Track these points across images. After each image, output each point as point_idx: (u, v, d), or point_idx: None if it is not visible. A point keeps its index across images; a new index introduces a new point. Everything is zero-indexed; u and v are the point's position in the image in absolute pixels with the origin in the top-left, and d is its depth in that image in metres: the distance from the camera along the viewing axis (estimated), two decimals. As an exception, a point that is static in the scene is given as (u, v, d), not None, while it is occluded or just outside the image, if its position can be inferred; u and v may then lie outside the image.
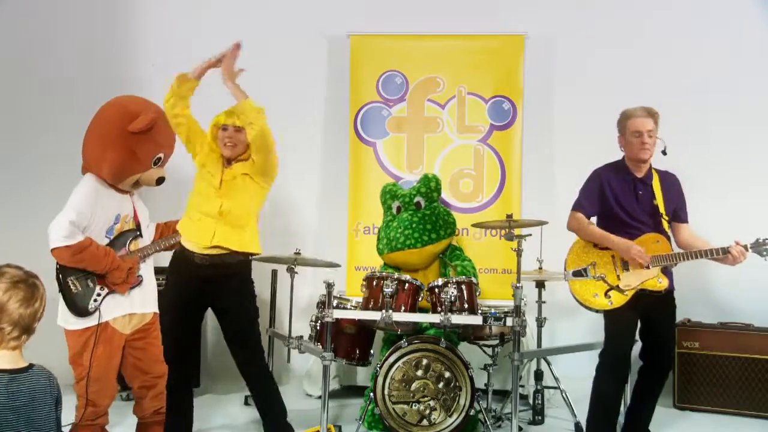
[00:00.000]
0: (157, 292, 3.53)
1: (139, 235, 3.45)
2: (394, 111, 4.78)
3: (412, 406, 3.50)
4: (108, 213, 3.32)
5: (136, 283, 3.39)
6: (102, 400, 3.33)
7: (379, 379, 3.51)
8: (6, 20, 5.01)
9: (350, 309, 3.75)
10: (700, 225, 3.75)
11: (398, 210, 4.21)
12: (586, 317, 4.45)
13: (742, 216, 4.58)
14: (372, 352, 3.83)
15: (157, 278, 3.63)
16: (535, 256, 4.07)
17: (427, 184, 4.20)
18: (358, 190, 4.76)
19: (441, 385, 3.50)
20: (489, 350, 3.85)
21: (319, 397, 3.62)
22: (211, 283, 3.32)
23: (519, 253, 3.55)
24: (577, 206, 3.50)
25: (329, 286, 3.43)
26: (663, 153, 3.42)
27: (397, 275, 3.59)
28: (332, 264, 4.21)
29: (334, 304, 3.47)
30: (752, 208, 4.63)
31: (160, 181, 3.44)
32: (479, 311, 3.57)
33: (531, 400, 4.05)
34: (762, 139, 4.76)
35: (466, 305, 3.56)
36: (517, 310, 3.36)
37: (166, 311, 3.40)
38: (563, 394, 3.96)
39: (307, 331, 3.84)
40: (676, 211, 3.48)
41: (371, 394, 3.54)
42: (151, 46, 5.10)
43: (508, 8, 5.01)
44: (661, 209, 3.41)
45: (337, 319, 3.51)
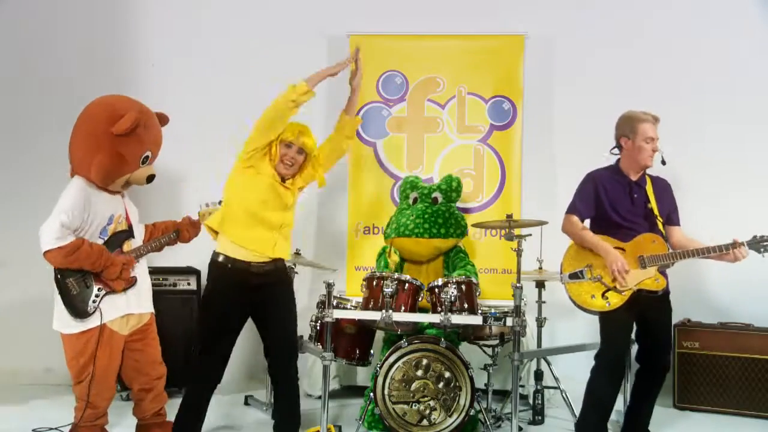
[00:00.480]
0: (156, 297, 3.54)
1: (132, 236, 3.45)
2: (394, 111, 4.78)
3: (412, 406, 3.50)
4: (101, 214, 3.32)
5: (131, 284, 3.38)
6: (101, 401, 3.34)
7: (379, 379, 3.51)
8: (6, 20, 5.00)
9: (350, 309, 3.75)
10: (698, 225, 3.76)
11: (414, 201, 4.25)
12: (586, 317, 4.43)
13: (742, 216, 4.57)
14: (372, 352, 3.84)
15: (153, 278, 3.64)
16: (535, 256, 4.07)
17: (449, 183, 4.24)
18: (358, 190, 4.76)
19: (441, 385, 3.51)
20: (489, 350, 3.85)
21: (319, 397, 3.62)
22: (260, 292, 3.29)
23: (519, 253, 3.56)
24: (572, 209, 3.50)
25: (329, 286, 3.43)
26: (662, 163, 3.44)
27: (397, 275, 3.59)
28: (330, 267, 4.22)
29: (334, 304, 3.47)
30: (751, 208, 4.63)
31: (150, 179, 3.43)
32: (479, 311, 3.57)
33: (531, 400, 4.05)
34: (761, 139, 4.76)
35: (466, 305, 3.57)
36: (517, 310, 3.37)
37: (209, 323, 3.31)
38: (563, 394, 3.96)
39: (307, 331, 3.84)
40: (669, 214, 3.50)
41: (371, 394, 3.54)
42: (151, 46, 5.10)
43: (508, 8, 5.01)
44: (656, 212, 3.42)
45: (337, 319, 3.51)
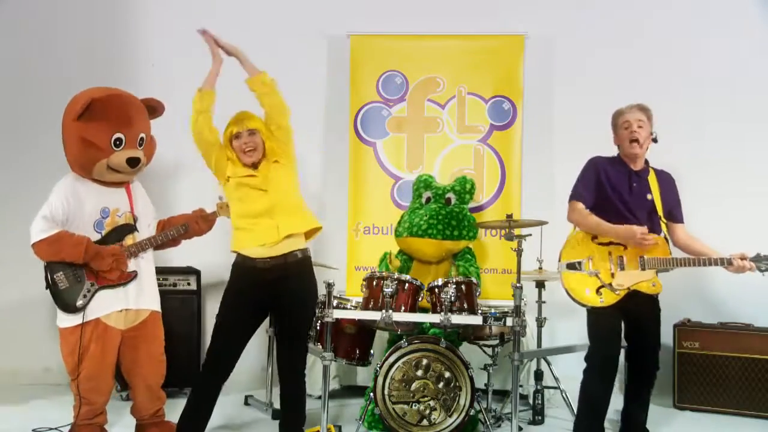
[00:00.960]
0: (163, 296, 3.54)
1: (135, 230, 3.44)
2: (394, 111, 4.78)
3: (412, 406, 3.50)
4: (89, 206, 3.33)
5: (131, 278, 3.38)
6: (97, 397, 3.33)
7: (379, 379, 3.51)
8: (6, 20, 5.00)
9: (350, 309, 3.75)
10: (699, 225, 3.75)
11: (427, 200, 4.25)
12: (586, 317, 4.43)
13: (742, 215, 4.59)
14: (372, 352, 3.83)
15: (159, 278, 3.63)
16: (535, 256, 4.07)
17: (463, 185, 4.24)
18: (358, 190, 4.76)
19: (441, 385, 3.51)
20: (489, 350, 3.85)
21: (319, 397, 3.62)
22: (273, 287, 3.30)
23: (519, 253, 3.56)
24: (576, 196, 3.46)
25: (329, 286, 3.43)
26: (654, 141, 3.40)
27: (397, 275, 3.59)
28: (330, 267, 4.22)
29: (334, 304, 3.47)
30: (751, 206, 4.64)
31: (133, 162, 3.37)
32: (479, 311, 3.57)
33: (531, 400, 4.05)
34: (761, 138, 4.76)
35: (466, 305, 3.56)
36: (517, 310, 3.36)
37: (223, 317, 3.35)
38: (563, 394, 3.96)
39: (307, 331, 3.84)
40: (671, 210, 3.47)
41: (371, 394, 3.54)
42: (151, 45, 5.11)
43: (508, 8, 5.01)
44: (658, 207, 3.39)
45: (337, 319, 3.51)
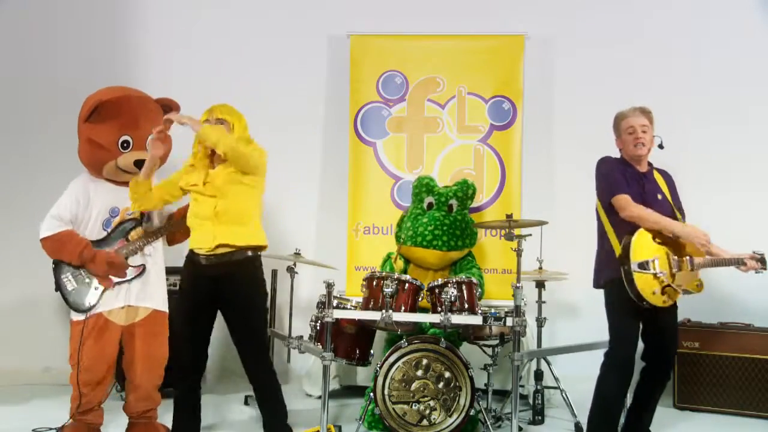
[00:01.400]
0: (170, 296, 3.54)
1: (139, 224, 3.46)
2: (394, 111, 4.78)
3: (412, 406, 3.50)
4: (99, 206, 3.40)
5: (139, 273, 3.41)
6: (91, 391, 3.35)
7: (379, 379, 3.51)
8: (6, 21, 5.00)
9: (350, 309, 3.75)
10: (699, 224, 3.74)
11: (429, 206, 4.20)
12: (587, 317, 4.45)
13: (743, 215, 4.60)
14: (372, 352, 3.83)
15: (168, 279, 3.64)
16: (535, 256, 4.07)
17: (465, 191, 4.20)
18: (358, 190, 4.76)
19: (441, 385, 3.50)
20: (489, 350, 3.85)
21: (319, 397, 3.62)
22: (219, 282, 3.30)
23: (519, 253, 3.55)
24: (617, 188, 3.31)
25: (329, 286, 3.43)
26: (660, 147, 3.41)
27: (397, 275, 3.59)
28: (331, 266, 4.22)
29: (334, 304, 3.47)
30: (753, 203, 4.65)
31: (140, 164, 3.40)
32: (479, 311, 3.57)
33: (531, 400, 4.05)
34: (761, 138, 4.76)
35: (466, 305, 3.56)
36: (517, 310, 3.36)
37: (177, 315, 3.41)
38: (563, 394, 3.96)
39: (307, 331, 3.84)
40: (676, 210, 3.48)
41: (371, 394, 3.54)
42: (151, 45, 5.10)
43: (508, 8, 5.02)
44: (672, 204, 3.41)
45: (337, 319, 3.51)
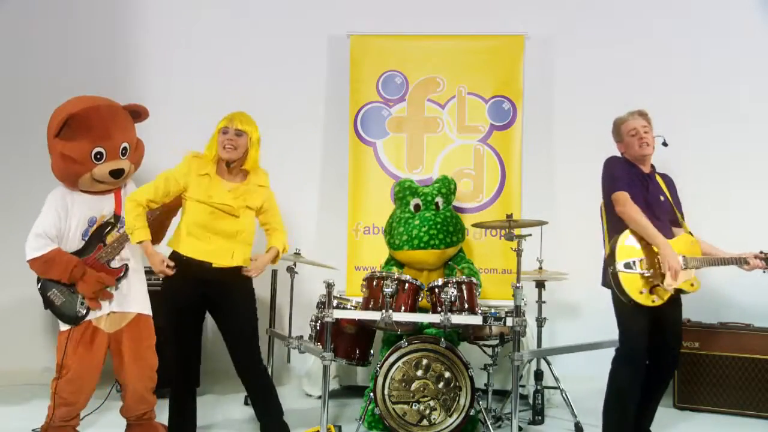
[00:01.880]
0: (157, 297, 3.54)
1: (114, 226, 3.45)
2: (394, 111, 4.78)
3: (412, 406, 3.50)
4: (78, 217, 3.39)
5: (121, 273, 3.42)
6: (78, 398, 3.36)
7: (379, 379, 3.51)
8: (6, 21, 5.00)
9: (350, 309, 3.75)
10: (700, 223, 3.74)
11: (417, 208, 4.22)
12: (587, 317, 4.46)
13: (743, 214, 4.60)
14: (372, 352, 3.84)
15: (153, 278, 3.64)
16: (535, 256, 4.07)
17: (447, 186, 4.24)
18: (358, 190, 4.76)
19: (441, 385, 3.50)
20: (489, 350, 3.85)
21: (319, 397, 3.62)
22: (212, 286, 3.30)
23: (519, 253, 3.55)
24: (617, 186, 3.33)
25: (329, 286, 3.43)
26: (664, 144, 3.44)
27: (397, 275, 3.59)
28: (331, 266, 4.22)
29: (334, 304, 3.47)
30: (752, 201, 4.65)
31: (116, 173, 3.40)
32: (479, 311, 3.57)
33: (531, 400, 4.05)
34: (761, 137, 4.77)
35: (466, 305, 3.56)
36: (517, 310, 3.36)
37: (167, 315, 3.37)
38: (563, 394, 3.96)
39: (307, 331, 3.84)
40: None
41: (371, 394, 3.54)
42: (151, 45, 5.10)
43: (508, 8, 5.02)
44: (673, 206, 3.42)
45: (337, 319, 3.51)
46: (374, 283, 3.58)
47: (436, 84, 4.76)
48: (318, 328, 3.74)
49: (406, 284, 3.58)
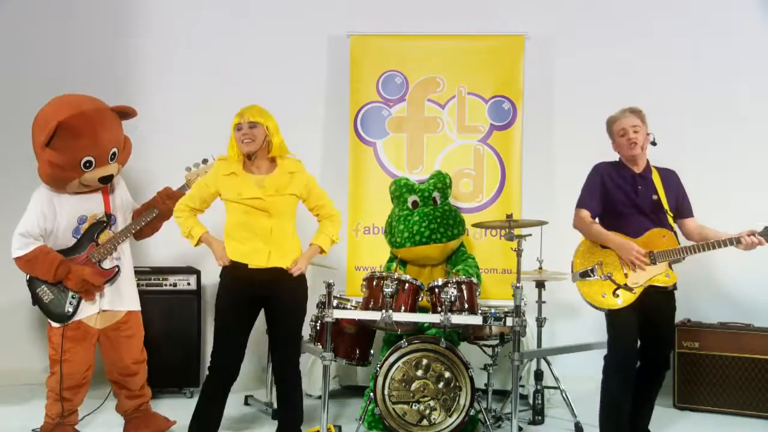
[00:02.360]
0: (158, 297, 3.55)
1: (107, 226, 3.45)
2: (394, 111, 4.78)
3: (412, 406, 3.50)
4: (68, 216, 3.38)
5: (113, 275, 3.42)
6: (72, 396, 3.38)
7: (379, 379, 3.51)
8: (6, 22, 5.00)
9: (350, 309, 3.75)
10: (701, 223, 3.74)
11: (414, 204, 4.22)
12: (587, 317, 4.44)
13: (743, 214, 4.58)
14: (372, 352, 3.84)
15: (153, 278, 3.64)
16: (535, 256, 4.07)
17: (443, 181, 4.25)
18: (358, 190, 4.76)
19: (441, 385, 3.50)
20: (489, 350, 3.85)
21: (319, 397, 3.62)
22: (265, 287, 3.29)
23: (519, 253, 3.56)
24: (582, 203, 3.48)
25: (329, 286, 3.43)
26: (653, 144, 3.43)
27: (397, 275, 3.59)
28: (331, 266, 4.22)
29: (334, 304, 3.47)
30: (752, 201, 4.64)
31: (105, 180, 3.40)
32: (479, 311, 3.57)
33: (531, 400, 4.05)
34: (761, 137, 4.76)
35: (466, 305, 3.56)
36: (517, 310, 3.36)
37: (223, 319, 3.33)
38: (563, 394, 3.96)
39: (307, 331, 3.84)
40: (678, 207, 3.47)
41: (371, 394, 3.54)
42: (151, 45, 5.10)
43: (508, 8, 5.01)
44: (664, 204, 3.40)
45: (337, 319, 3.51)
46: (374, 283, 3.58)
47: (436, 84, 4.76)
48: (318, 328, 3.74)
49: (406, 284, 3.58)
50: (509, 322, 3.41)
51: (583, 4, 5.03)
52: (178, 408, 3.41)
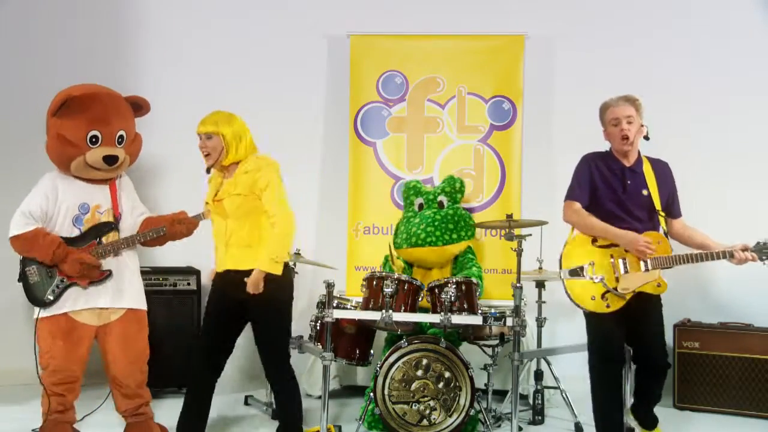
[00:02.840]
0: (159, 296, 3.54)
1: (115, 228, 3.44)
2: (394, 111, 4.78)
3: (412, 406, 3.50)
4: (69, 202, 3.37)
5: (103, 277, 3.39)
6: (63, 391, 3.35)
7: (379, 379, 3.51)
8: (5, 23, 4.99)
9: (350, 309, 3.75)
10: (700, 224, 3.74)
11: (420, 207, 4.25)
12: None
13: (743, 214, 4.59)
14: (372, 352, 3.84)
15: (153, 278, 3.62)
16: (535, 256, 4.07)
17: (452, 185, 4.25)
18: (358, 190, 4.76)
19: (441, 385, 3.51)
20: (489, 350, 3.85)
21: (319, 397, 3.62)
22: (240, 289, 3.23)
23: (519, 253, 3.55)
24: (572, 194, 3.32)
25: (329, 286, 3.43)
26: (645, 138, 3.28)
27: (397, 275, 3.59)
28: (331, 266, 4.22)
29: (334, 304, 3.47)
30: (753, 201, 4.65)
31: (110, 159, 3.37)
32: (479, 311, 3.57)
33: (531, 400, 4.05)
34: (761, 138, 4.76)
35: (466, 305, 3.56)
36: (517, 310, 3.36)
37: (209, 313, 3.40)
38: (563, 394, 3.96)
39: (307, 331, 3.84)
40: (668, 205, 3.35)
41: (371, 394, 3.54)
42: (151, 45, 5.10)
43: (508, 8, 5.01)
44: (656, 202, 3.27)
45: (337, 319, 3.51)
46: (374, 283, 3.59)
47: (436, 84, 4.76)
48: (318, 328, 3.74)
49: (406, 284, 3.58)
50: (509, 322, 3.41)
51: (583, 4, 5.03)
52: (178, 408, 3.40)
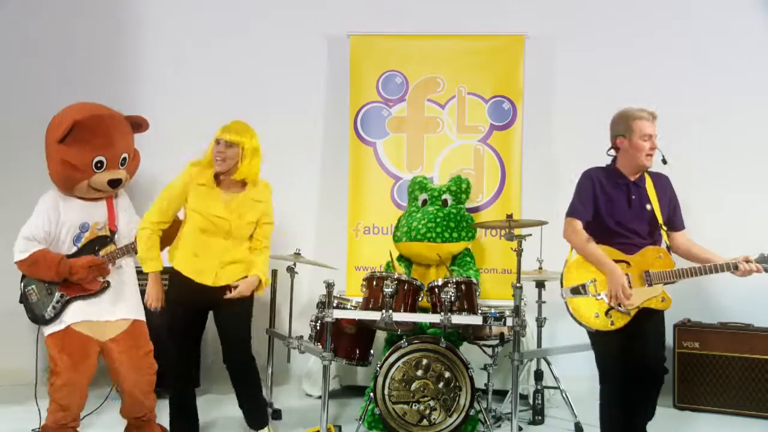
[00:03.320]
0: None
1: (110, 241, 3.45)
2: (394, 111, 4.78)
3: (412, 406, 3.50)
4: (70, 222, 3.39)
5: (101, 288, 3.39)
6: (70, 403, 3.35)
7: (379, 379, 3.51)
8: (5, 24, 4.99)
9: (350, 309, 3.75)
10: (699, 224, 3.75)
11: (424, 203, 4.27)
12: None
13: (743, 214, 4.60)
14: (372, 352, 3.83)
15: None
16: (535, 256, 4.07)
17: (458, 185, 4.28)
18: (358, 190, 4.76)
19: (441, 385, 3.50)
20: (489, 350, 3.85)
21: (319, 397, 3.62)
22: (212, 296, 3.36)
23: (519, 253, 3.54)
24: (573, 212, 3.26)
25: (329, 286, 3.43)
26: (663, 162, 3.23)
27: (397, 275, 3.59)
28: (331, 266, 4.22)
29: (334, 304, 3.47)
30: (752, 202, 4.65)
31: (114, 183, 3.40)
32: (479, 311, 3.57)
33: (531, 400, 4.05)
34: (761, 138, 4.76)
35: (466, 305, 3.56)
36: (517, 310, 3.36)
37: (171, 323, 3.42)
38: (563, 394, 3.96)
39: (307, 331, 3.84)
40: (671, 217, 3.30)
41: (371, 394, 3.54)
42: (151, 46, 5.10)
43: (508, 8, 5.01)
44: (658, 216, 3.22)
45: (337, 319, 3.51)
46: (374, 283, 3.59)
47: (436, 84, 4.76)
48: (318, 328, 3.74)
49: (406, 284, 3.58)
50: (509, 322, 3.41)
51: (583, 4, 5.03)
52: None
